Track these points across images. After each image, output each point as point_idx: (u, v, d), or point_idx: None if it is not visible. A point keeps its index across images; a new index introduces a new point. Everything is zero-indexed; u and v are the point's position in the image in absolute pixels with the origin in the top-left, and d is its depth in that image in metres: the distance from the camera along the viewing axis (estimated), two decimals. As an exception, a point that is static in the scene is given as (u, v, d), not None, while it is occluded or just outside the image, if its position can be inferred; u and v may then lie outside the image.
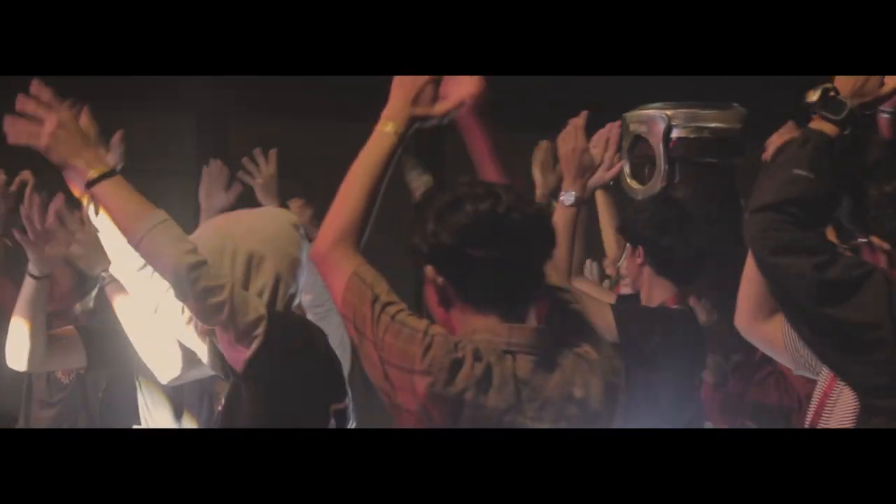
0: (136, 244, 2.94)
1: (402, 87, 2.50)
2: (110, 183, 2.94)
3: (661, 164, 3.46)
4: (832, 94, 2.77)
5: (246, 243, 3.03)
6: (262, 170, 4.56)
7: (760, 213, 2.70)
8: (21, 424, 4.52)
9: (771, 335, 3.16)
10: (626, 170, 3.59)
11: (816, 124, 2.78)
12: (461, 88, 2.50)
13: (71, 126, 2.95)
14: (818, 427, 3.02)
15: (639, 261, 3.58)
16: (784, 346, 3.15)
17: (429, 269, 2.42)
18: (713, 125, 3.46)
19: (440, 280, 2.41)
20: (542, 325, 2.45)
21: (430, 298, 2.46)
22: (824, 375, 3.06)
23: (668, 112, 3.47)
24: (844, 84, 2.79)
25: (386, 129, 2.49)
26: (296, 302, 3.11)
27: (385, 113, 2.50)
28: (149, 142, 6.90)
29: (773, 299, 3.08)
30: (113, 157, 3.55)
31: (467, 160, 2.64)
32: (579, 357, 2.43)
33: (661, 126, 3.44)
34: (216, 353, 3.07)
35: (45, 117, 2.94)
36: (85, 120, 3.09)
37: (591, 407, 2.41)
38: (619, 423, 2.50)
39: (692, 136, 3.47)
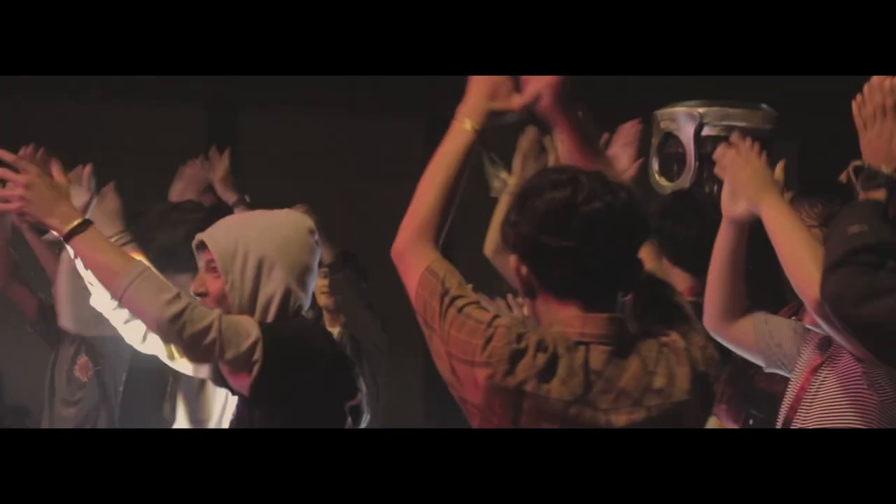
0: (118, 299, 2.92)
1: (479, 83, 2.48)
2: (84, 237, 2.92)
3: (692, 161, 3.48)
4: (863, 167, 2.78)
5: (258, 247, 2.98)
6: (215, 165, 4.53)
7: (832, 273, 2.70)
8: (45, 422, 4.55)
9: (740, 335, 3.20)
10: (655, 166, 3.61)
11: (863, 196, 2.78)
12: (538, 81, 2.47)
13: (39, 185, 2.93)
14: (794, 421, 3.05)
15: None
16: (756, 344, 3.20)
17: (512, 259, 2.39)
18: (743, 124, 3.48)
19: (523, 270, 2.38)
20: (619, 315, 2.39)
21: (519, 289, 2.43)
22: (800, 370, 3.10)
23: (700, 110, 3.50)
24: (871, 155, 2.79)
25: (464, 126, 2.46)
26: (304, 309, 3.08)
27: (462, 109, 2.48)
28: (158, 137, 6.91)
29: (740, 302, 3.13)
30: (84, 193, 3.50)
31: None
32: (664, 346, 2.38)
33: (693, 124, 3.47)
34: (218, 373, 3.04)
35: (14, 181, 2.92)
36: (56, 173, 3.02)
37: (675, 397, 2.35)
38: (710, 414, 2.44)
39: (722, 134, 3.49)
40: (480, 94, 2.48)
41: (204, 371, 3.07)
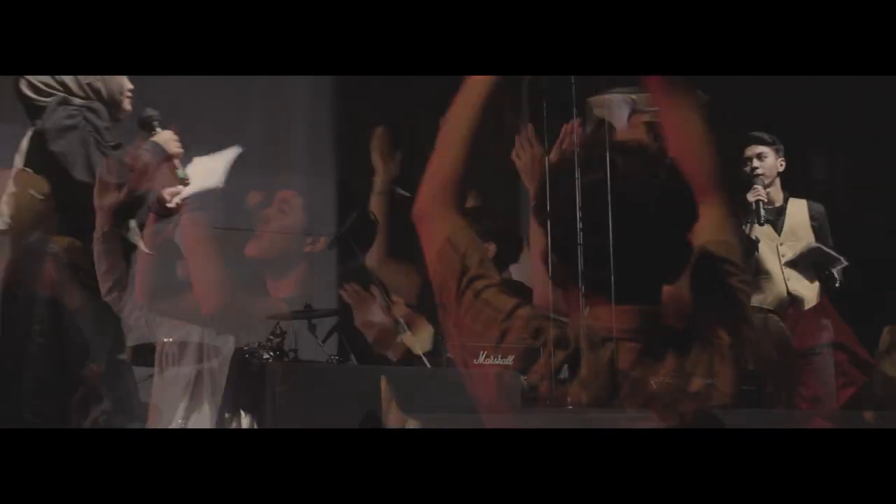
0: None
1: None
2: None
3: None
4: None
5: None
6: None
7: None
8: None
9: None
10: (589, 153, 3.65)
11: None
12: None
13: None
14: None
15: None
16: None
17: (540, 247, 2.18)
18: (675, 109, 3.53)
19: (554, 259, 2.16)
20: (652, 308, 2.14)
21: (549, 280, 2.19)
22: None
23: (633, 96, 3.54)
24: None
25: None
26: None
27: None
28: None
29: None
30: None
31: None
32: (707, 343, 2.15)
33: (626, 110, 3.52)
34: None
35: None
36: None
37: (716, 401, 2.13)
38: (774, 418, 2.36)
39: (654, 120, 3.53)
40: None
41: None
